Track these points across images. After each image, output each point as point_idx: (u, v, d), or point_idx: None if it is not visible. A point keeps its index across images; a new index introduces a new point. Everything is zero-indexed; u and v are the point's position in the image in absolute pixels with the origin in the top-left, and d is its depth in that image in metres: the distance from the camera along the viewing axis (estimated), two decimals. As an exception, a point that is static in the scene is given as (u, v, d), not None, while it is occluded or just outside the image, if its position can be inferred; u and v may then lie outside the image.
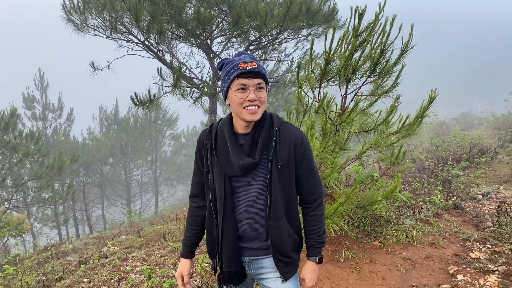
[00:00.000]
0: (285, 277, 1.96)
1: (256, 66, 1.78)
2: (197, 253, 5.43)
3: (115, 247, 7.30)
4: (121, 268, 5.35)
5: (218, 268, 2.06)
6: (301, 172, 1.94)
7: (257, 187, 1.89)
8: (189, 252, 2.16)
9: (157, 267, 5.11)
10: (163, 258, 5.64)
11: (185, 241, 2.17)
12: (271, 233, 1.91)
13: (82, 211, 21.83)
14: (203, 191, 2.08)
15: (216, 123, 2.03)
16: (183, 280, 2.13)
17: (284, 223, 1.91)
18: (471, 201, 6.79)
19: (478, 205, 6.49)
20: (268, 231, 1.92)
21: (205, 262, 4.53)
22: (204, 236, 2.13)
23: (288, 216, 1.94)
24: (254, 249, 1.98)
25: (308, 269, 2.06)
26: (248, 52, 1.94)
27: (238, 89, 1.79)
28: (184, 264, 2.14)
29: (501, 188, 7.69)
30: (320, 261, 2.04)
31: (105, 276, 4.88)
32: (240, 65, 1.78)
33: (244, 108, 1.80)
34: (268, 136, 1.88)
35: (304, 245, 2.08)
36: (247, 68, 1.77)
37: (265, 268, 2.01)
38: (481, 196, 6.98)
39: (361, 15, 4.55)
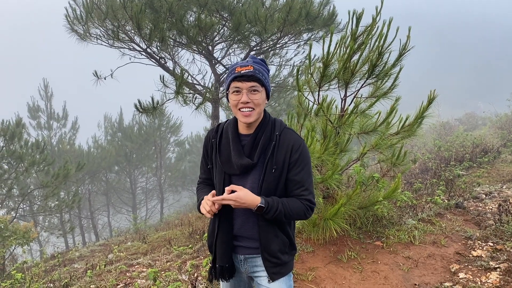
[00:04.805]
0: (272, 278, 2.01)
1: (251, 69, 1.86)
2: (202, 257, 5.49)
3: (121, 253, 7.37)
4: (127, 274, 5.42)
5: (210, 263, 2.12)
6: (291, 176, 1.95)
7: (251, 187, 1.95)
8: None
9: (162, 272, 5.17)
10: (168, 263, 5.70)
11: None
12: (259, 232, 1.98)
13: (88, 219, 21.92)
14: (209, 180, 2.19)
15: (223, 123, 2.13)
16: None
17: (271, 224, 1.97)
18: (474, 200, 6.80)
19: (481, 204, 6.51)
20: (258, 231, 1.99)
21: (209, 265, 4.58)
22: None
23: None
24: (249, 247, 2.06)
25: (248, 192, 1.87)
26: (256, 57, 2.01)
27: (233, 91, 1.90)
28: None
29: (504, 187, 7.70)
30: (258, 209, 1.88)
31: (112, 281, 4.95)
32: (236, 69, 1.89)
33: (239, 110, 1.90)
34: (268, 140, 1.96)
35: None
36: (241, 72, 1.86)
37: (259, 267, 2.07)
38: (484, 196, 7.00)
39: (358, 19, 4.61)
